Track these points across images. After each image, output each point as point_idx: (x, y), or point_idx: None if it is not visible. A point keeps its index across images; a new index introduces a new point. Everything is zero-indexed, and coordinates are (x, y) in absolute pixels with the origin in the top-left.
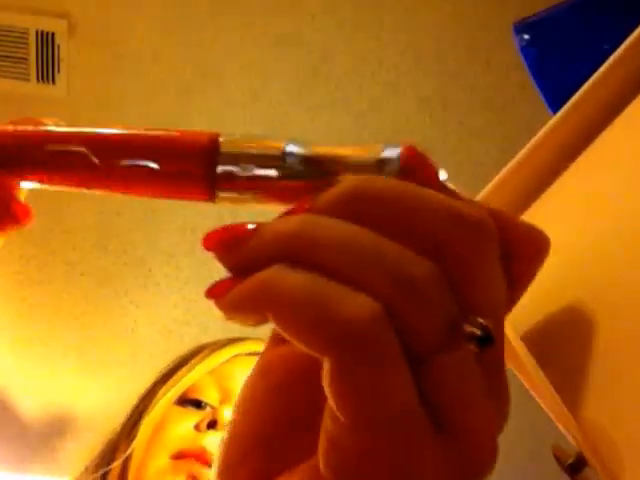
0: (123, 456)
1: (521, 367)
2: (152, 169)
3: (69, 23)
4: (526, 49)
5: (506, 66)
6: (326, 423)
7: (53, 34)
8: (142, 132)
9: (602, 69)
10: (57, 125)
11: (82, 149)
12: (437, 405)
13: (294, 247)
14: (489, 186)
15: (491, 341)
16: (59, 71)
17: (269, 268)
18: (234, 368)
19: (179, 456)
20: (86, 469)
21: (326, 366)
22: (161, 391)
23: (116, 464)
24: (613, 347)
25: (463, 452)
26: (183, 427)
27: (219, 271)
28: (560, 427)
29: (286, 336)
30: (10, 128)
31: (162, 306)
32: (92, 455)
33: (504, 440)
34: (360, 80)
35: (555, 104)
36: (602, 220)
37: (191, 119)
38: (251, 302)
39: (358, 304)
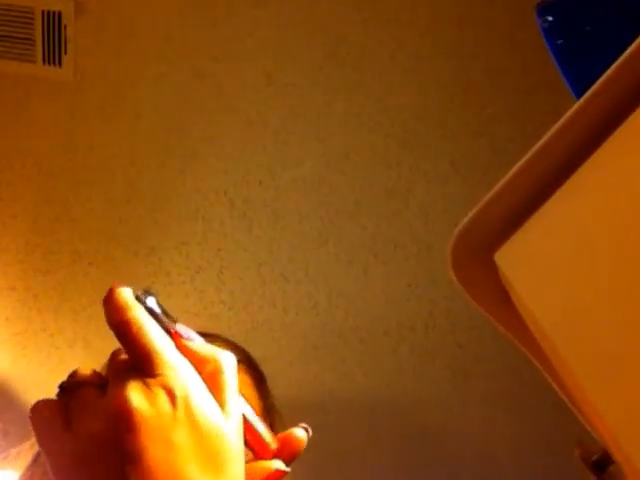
0: None
1: (548, 364)
2: None
3: (76, 2)
4: (549, 31)
5: (530, 48)
6: None
7: (60, 13)
8: None
9: (626, 53)
10: None
11: None
12: None
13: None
14: (511, 173)
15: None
16: (66, 53)
17: None
18: None
19: None
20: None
21: None
22: None
23: None
24: None
25: None
26: None
27: (230, 261)
28: (584, 423)
29: None
30: None
31: (172, 297)
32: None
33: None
34: (378, 63)
35: (579, 89)
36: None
37: (204, 103)
38: None
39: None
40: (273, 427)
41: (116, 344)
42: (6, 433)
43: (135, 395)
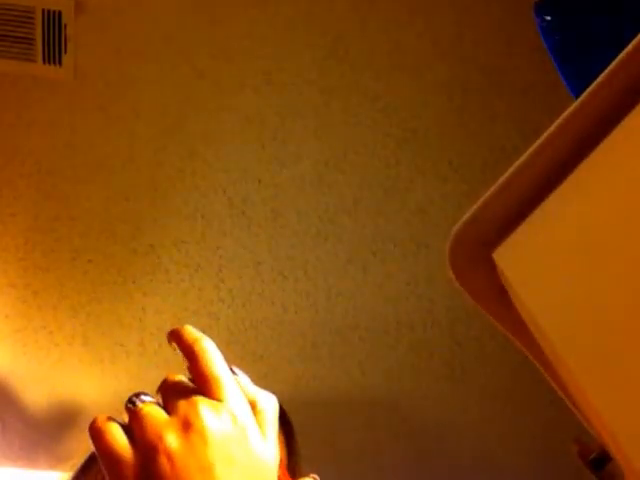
0: None
1: (546, 362)
2: None
3: (76, 1)
4: (547, 30)
5: (528, 48)
6: None
7: (60, 13)
8: None
9: (624, 52)
10: None
11: None
12: None
13: None
14: (509, 171)
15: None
16: (66, 52)
17: None
18: None
19: None
20: (83, 469)
21: None
22: None
23: None
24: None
25: None
26: None
27: (229, 259)
28: (583, 422)
29: None
30: None
31: (171, 294)
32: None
33: (524, 434)
34: (376, 63)
35: (577, 88)
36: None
37: (203, 102)
38: None
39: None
40: (297, 474)
41: (115, 343)
42: (5, 430)
43: (208, 413)
